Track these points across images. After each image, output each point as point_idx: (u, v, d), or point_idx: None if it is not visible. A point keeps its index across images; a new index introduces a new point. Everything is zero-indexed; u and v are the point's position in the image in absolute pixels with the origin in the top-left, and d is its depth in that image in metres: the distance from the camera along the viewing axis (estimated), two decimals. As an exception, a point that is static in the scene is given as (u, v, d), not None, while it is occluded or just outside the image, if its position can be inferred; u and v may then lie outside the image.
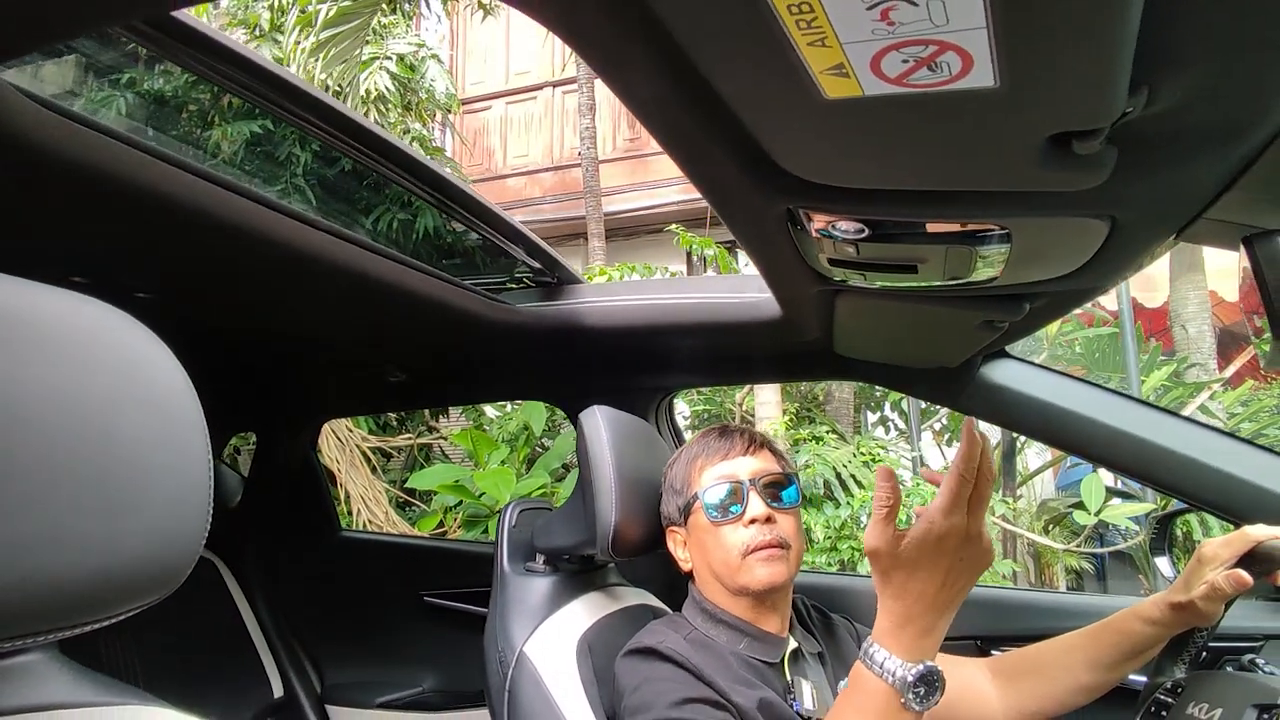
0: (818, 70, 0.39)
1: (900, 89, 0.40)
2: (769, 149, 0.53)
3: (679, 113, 0.52)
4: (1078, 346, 4.16)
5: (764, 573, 0.98)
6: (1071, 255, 0.67)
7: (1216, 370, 4.02)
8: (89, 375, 0.37)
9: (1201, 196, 0.59)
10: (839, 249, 0.70)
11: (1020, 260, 0.67)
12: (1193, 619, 0.98)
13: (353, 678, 1.87)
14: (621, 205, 6.51)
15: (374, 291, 1.13)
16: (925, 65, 0.37)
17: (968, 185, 0.53)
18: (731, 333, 1.32)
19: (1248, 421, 3.78)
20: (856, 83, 0.40)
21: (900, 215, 0.60)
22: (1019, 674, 1.06)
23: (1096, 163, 0.46)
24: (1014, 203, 0.55)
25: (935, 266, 0.70)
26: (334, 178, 3.24)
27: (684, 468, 1.08)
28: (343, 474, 3.73)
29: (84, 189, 0.75)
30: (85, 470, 0.35)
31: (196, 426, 0.43)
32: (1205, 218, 0.64)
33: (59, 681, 0.44)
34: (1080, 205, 0.56)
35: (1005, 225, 0.60)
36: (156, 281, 1.09)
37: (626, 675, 0.95)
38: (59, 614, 0.36)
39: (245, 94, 0.84)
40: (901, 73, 0.38)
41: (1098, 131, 0.42)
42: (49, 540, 0.34)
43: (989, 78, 0.37)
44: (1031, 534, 3.96)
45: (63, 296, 0.40)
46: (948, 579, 0.71)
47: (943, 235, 0.63)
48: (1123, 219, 0.59)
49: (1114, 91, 0.37)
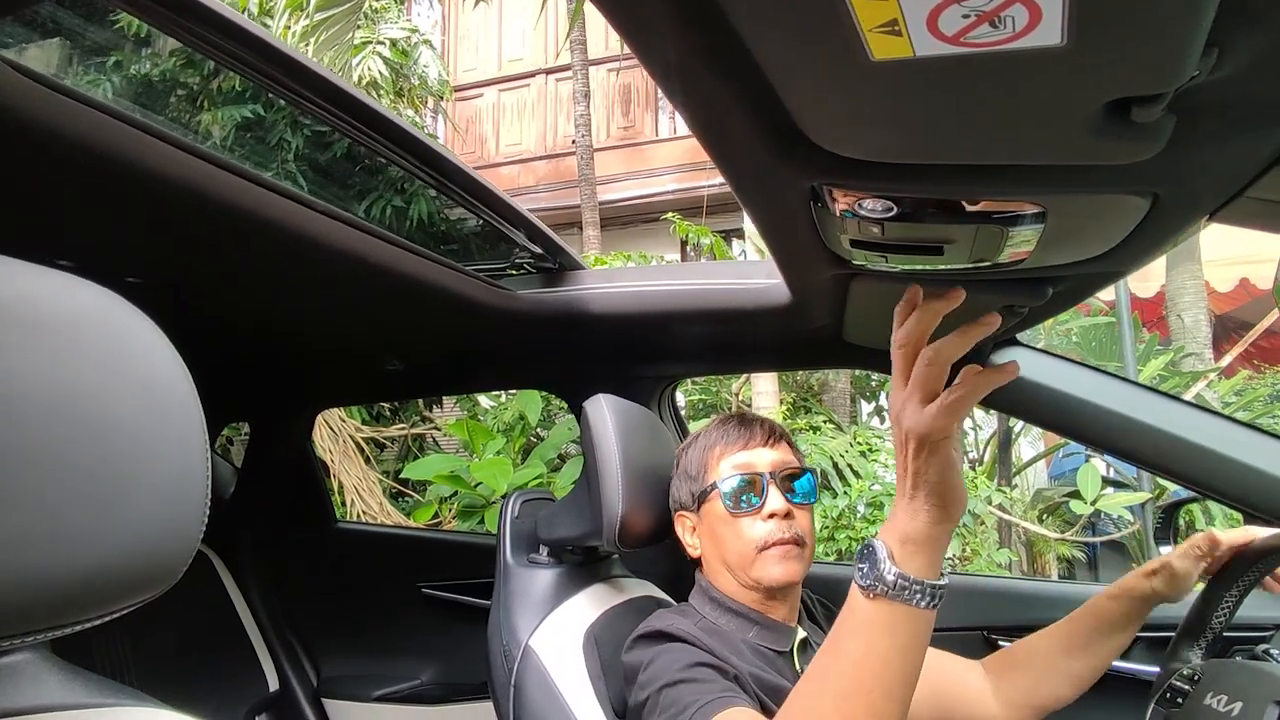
0: (867, 27, 0.36)
1: (954, 49, 0.37)
2: (800, 119, 0.50)
3: (704, 77, 0.49)
4: (1074, 336, 4.17)
5: (779, 571, 0.96)
6: (1106, 235, 0.65)
7: (1212, 360, 4.03)
8: (81, 361, 0.35)
9: (1245, 173, 0.56)
10: (863, 229, 0.67)
11: (1052, 241, 0.65)
12: (1163, 586, 1.00)
13: (350, 670, 1.84)
14: (616, 194, 6.47)
15: (372, 276, 1.10)
16: (988, 20, 0.34)
17: (1011, 159, 0.51)
18: (738, 320, 1.29)
19: (1242, 411, 3.80)
20: (908, 41, 0.37)
21: (934, 192, 0.57)
22: (1009, 669, 1.06)
23: (1153, 133, 0.43)
24: (1056, 178, 0.53)
25: (963, 248, 0.68)
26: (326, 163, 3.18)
27: (700, 454, 1.05)
28: (336, 465, 3.69)
29: (71, 165, 0.72)
30: (77, 461, 0.34)
31: (193, 415, 0.41)
32: (1246, 196, 0.61)
33: (50, 682, 0.42)
34: (1123, 181, 0.54)
35: (1042, 203, 0.57)
36: (147, 265, 1.05)
37: (637, 656, 0.93)
38: (51, 613, 0.34)
39: (241, 68, 0.79)
40: (960, 29, 0.36)
41: (1160, 97, 0.40)
42: (39, 535, 0.32)
43: (1056, 34, 0.35)
44: (1026, 523, 3.97)
45: (52, 277, 0.37)
46: (912, 464, 0.65)
47: (975, 215, 0.61)
48: (1165, 196, 0.57)
49: (1189, 51, 0.35)
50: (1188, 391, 3.56)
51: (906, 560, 0.64)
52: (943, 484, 0.63)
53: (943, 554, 0.66)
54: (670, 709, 0.82)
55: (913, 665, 0.66)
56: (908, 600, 0.64)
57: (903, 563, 0.64)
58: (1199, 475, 1.16)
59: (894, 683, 0.65)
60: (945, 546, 0.66)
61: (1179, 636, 1.03)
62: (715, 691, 0.82)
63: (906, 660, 0.65)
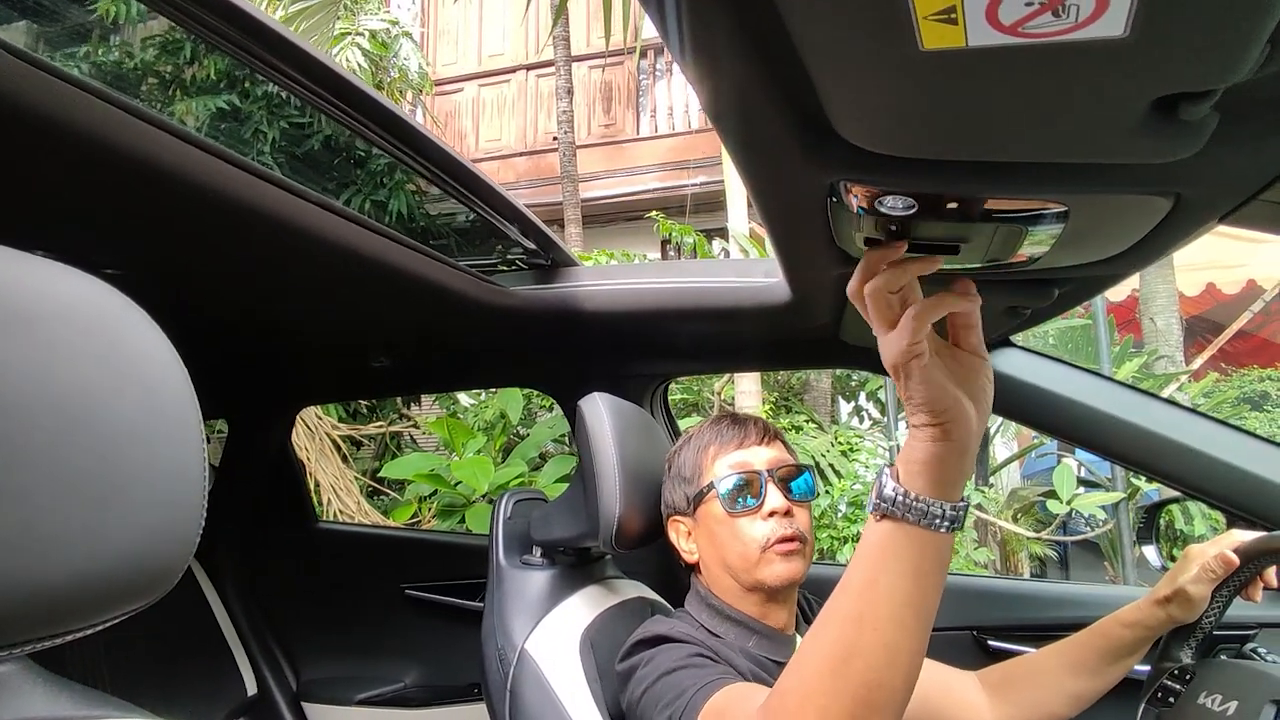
0: (923, 14, 0.35)
1: (1009, 39, 0.36)
2: (832, 110, 0.48)
3: (732, 61, 0.47)
4: (1051, 338, 4.23)
5: (783, 569, 0.95)
6: (1123, 235, 0.64)
7: (1184, 363, 4.12)
8: (69, 355, 0.33)
9: (1265, 175, 0.56)
10: (879, 226, 0.66)
11: (1070, 241, 0.64)
12: (1178, 611, 0.98)
13: (331, 673, 1.81)
14: (598, 191, 6.44)
15: (360, 268, 1.07)
16: (1050, 10, 0.33)
17: (1043, 156, 0.50)
18: (734, 318, 1.28)
19: (1211, 412, 3.89)
20: (963, 30, 0.36)
21: (959, 189, 0.56)
22: (1008, 684, 1.05)
23: (1196, 130, 0.42)
24: (1086, 177, 0.52)
25: (979, 247, 0.67)
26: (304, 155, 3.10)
27: (694, 455, 1.03)
28: (313, 463, 3.62)
29: (46, 145, 0.67)
30: (66, 462, 0.32)
31: (190, 412, 0.39)
32: (1260, 199, 0.62)
33: (34, 694, 0.40)
34: (1150, 181, 0.53)
35: (1066, 202, 0.57)
36: (125, 256, 1.01)
37: (633, 662, 0.91)
38: (37, 623, 0.32)
39: (229, 47, 0.76)
40: (1019, 19, 0.34)
41: (1211, 94, 0.39)
42: (25, 541, 0.30)
43: (1119, 25, 0.34)
44: (1001, 522, 4.03)
45: (40, 266, 0.35)
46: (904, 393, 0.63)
47: (996, 213, 0.60)
48: (1186, 196, 0.57)
49: (1253, 45, 0.34)
50: (1160, 393, 3.63)
51: (910, 479, 0.62)
52: (931, 401, 0.61)
53: (952, 477, 0.63)
54: (669, 693, 0.81)
55: (925, 592, 0.62)
56: (914, 520, 0.61)
57: (906, 481, 0.62)
58: (1184, 475, 1.18)
59: (903, 609, 0.61)
60: (954, 469, 0.62)
61: (1169, 636, 1.04)
62: (714, 674, 0.82)
63: (918, 586, 0.62)
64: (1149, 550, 1.50)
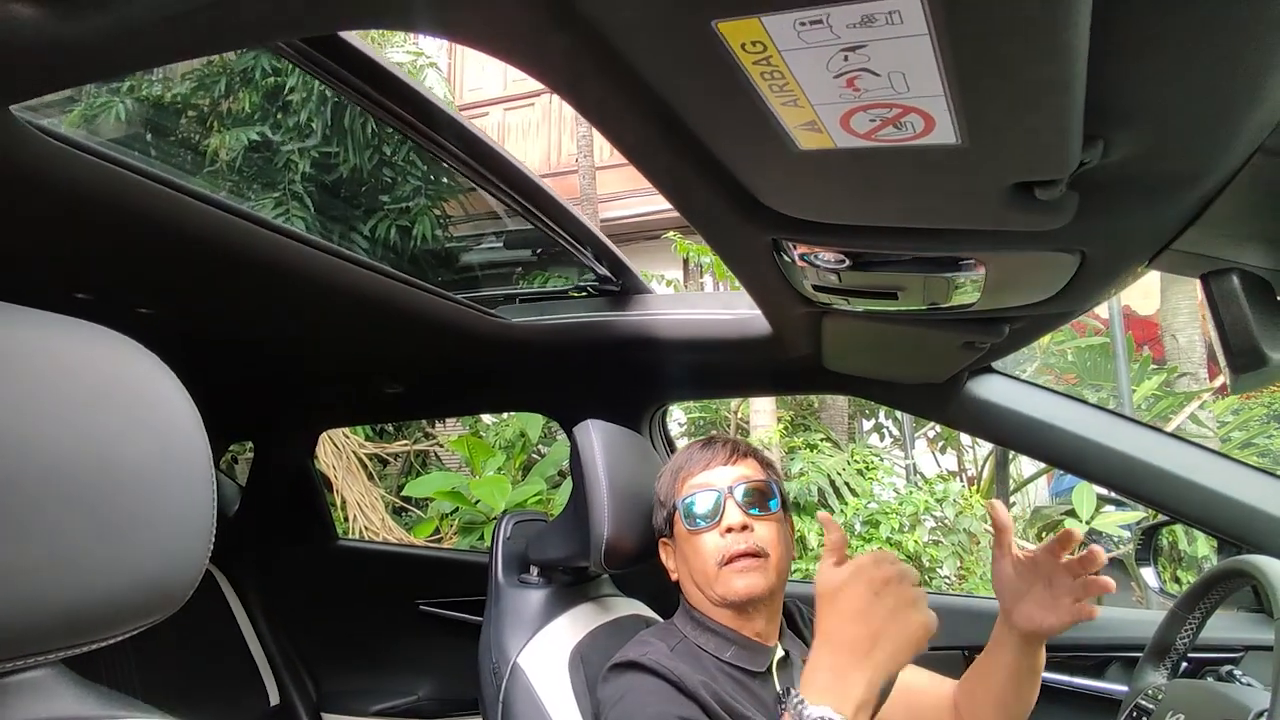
0: (791, 126, 0.42)
1: (870, 143, 0.43)
2: (751, 189, 0.55)
3: (667, 155, 0.54)
4: (1069, 356, 4.19)
5: (741, 584, 0.98)
6: (1045, 284, 0.70)
7: (1207, 379, 4.06)
8: (96, 404, 0.39)
9: (1166, 232, 0.61)
10: (822, 276, 0.72)
11: (996, 289, 0.70)
12: (1023, 614, 0.94)
13: (349, 685, 1.89)
14: (618, 211, 6.53)
15: (369, 307, 1.16)
16: (891, 124, 0.40)
17: (941, 224, 0.56)
18: (724, 348, 1.35)
19: (1238, 430, 3.82)
20: (829, 137, 0.42)
21: (878, 248, 0.62)
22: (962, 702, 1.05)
23: (1059, 206, 0.48)
24: (986, 239, 0.58)
25: (915, 293, 0.73)
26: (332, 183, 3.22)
27: (669, 479, 1.09)
28: (339, 480, 3.74)
29: (90, 215, 0.78)
30: (91, 496, 0.38)
31: (200, 451, 0.45)
32: (1172, 249, 0.66)
33: (65, 696, 0.45)
34: (1049, 241, 0.59)
35: (980, 259, 0.63)
36: (158, 298, 1.11)
37: (608, 690, 0.95)
38: (66, 634, 0.38)
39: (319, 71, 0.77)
40: (870, 129, 0.41)
41: (1057, 181, 0.45)
42: (56, 564, 0.36)
43: (951, 136, 0.40)
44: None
45: (71, 327, 0.42)
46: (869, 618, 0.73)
47: (920, 264, 0.66)
48: (1092, 254, 0.62)
49: (1068, 147, 0.40)
50: (1181, 411, 3.58)
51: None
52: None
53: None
54: None
55: None
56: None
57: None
58: (1163, 498, 1.21)
59: None
60: None
61: (1145, 658, 1.06)
62: None
63: None
64: (1147, 572, 1.52)
